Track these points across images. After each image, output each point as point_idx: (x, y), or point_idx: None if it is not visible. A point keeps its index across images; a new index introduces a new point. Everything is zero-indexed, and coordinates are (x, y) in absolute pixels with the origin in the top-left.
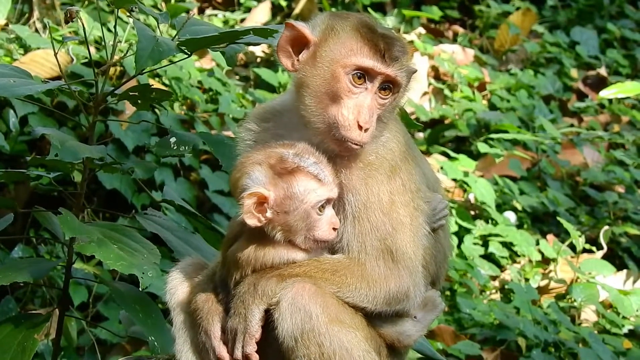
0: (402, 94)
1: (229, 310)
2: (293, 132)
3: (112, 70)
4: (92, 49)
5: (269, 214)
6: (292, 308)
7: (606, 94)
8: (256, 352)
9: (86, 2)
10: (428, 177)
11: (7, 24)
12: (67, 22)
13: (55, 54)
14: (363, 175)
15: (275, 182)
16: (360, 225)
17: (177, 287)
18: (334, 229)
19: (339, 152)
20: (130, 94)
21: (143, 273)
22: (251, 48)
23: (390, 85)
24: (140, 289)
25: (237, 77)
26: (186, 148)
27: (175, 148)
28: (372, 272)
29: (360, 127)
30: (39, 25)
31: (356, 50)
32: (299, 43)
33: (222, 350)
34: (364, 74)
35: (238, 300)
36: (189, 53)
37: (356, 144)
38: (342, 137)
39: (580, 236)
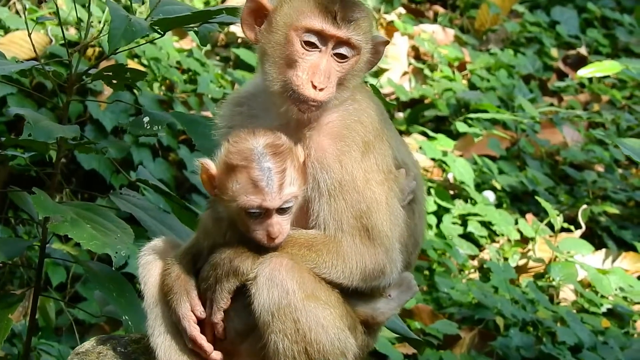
0: (372, 60)
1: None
2: (266, 112)
3: (90, 51)
4: (72, 30)
5: (216, 191)
6: (269, 283)
7: (584, 72)
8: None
9: None
10: (399, 159)
11: None
12: (40, 2)
13: (30, 34)
14: (336, 152)
15: (221, 168)
16: (335, 203)
17: (149, 263)
18: (271, 237)
19: (299, 112)
20: (105, 74)
21: (116, 252)
22: (232, 28)
23: (345, 48)
24: (113, 269)
25: (218, 57)
26: (159, 127)
27: (148, 127)
28: (348, 249)
29: (314, 87)
30: (19, 7)
31: (307, 13)
32: (260, 14)
33: (193, 330)
34: (316, 37)
35: (211, 270)
36: (162, 32)
37: (312, 103)
38: (298, 96)
39: (558, 215)
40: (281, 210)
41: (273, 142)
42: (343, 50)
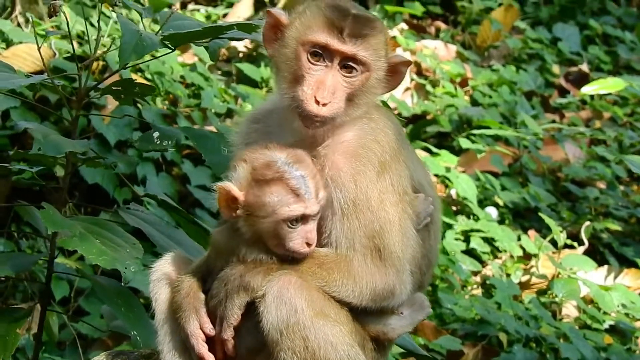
0: (393, 80)
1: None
2: (281, 129)
3: (94, 65)
4: (75, 44)
5: (239, 212)
6: (277, 301)
7: (588, 90)
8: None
9: None
10: (415, 179)
11: None
12: (50, 16)
13: (39, 48)
14: (352, 171)
15: (251, 186)
16: (349, 222)
17: (160, 280)
18: (308, 244)
19: (304, 128)
20: (114, 88)
21: (125, 268)
22: (234, 43)
23: (353, 65)
24: (122, 284)
25: (220, 72)
26: (169, 142)
27: (158, 143)
28: (359, 269)
29: (317, 102)
30: (21, 20)
31: (314, 28)
32: (279, 29)
33: (201, 349)
34: (322, 52)
35: (221, 285)
36: (173, 48)
37: (316, 118)
38: (302, 110)
39: (561, 232)
40: (314, 216)
41: (291, 152)
42: (350, 65)
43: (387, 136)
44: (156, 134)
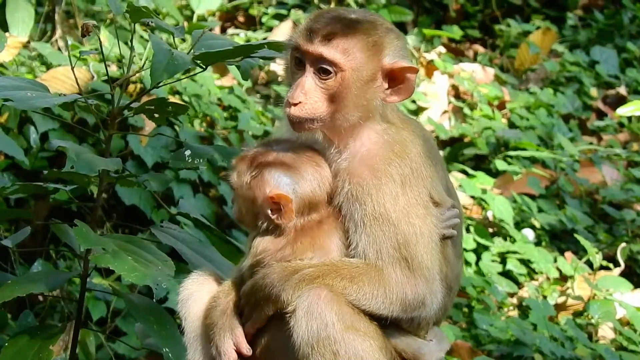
0: (400, 88)
1: None
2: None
3: (132, 87)
4: (114, 67)
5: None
6: (307, 316)
7: (623, 111)
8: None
9: (108, 20)
10: (435, 196)
11: (28, 42)
12: (83, 35)
13: (72, 69)
14: (371, 185)
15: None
16: (373, 234)
17: (189, 297)
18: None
19: (292, 130)
20: (147, 107)
21: (157, 284)
22: (272, 67)
23: (326, 66)
24: (154, 300)
25: (258, 95)
26: (201, 161)
27: (190, 160)
28: (389, 278)
29: (289, 103)
30: (61, 44)
31: (297, 33)
32: None
33: None
34: (299, 55)
35: (252, 291)
36: (204, 67)
37: (291, 119)
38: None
39: (597, 253)
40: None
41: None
42: (323, 66)
43: (408, 149)
44: (187, 152)
